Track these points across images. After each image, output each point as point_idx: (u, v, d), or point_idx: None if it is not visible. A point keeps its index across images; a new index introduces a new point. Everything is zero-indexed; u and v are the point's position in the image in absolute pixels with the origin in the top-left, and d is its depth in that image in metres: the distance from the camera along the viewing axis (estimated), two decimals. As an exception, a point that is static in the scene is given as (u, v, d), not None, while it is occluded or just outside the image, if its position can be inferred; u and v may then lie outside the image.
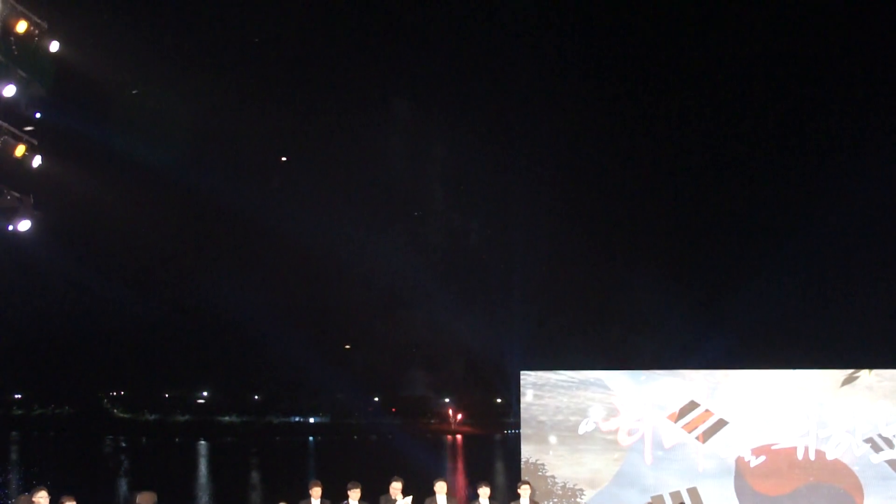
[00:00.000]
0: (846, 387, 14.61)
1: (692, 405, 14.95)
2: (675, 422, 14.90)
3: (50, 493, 10.84)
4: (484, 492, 13.10)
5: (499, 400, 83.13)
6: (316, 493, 12.72)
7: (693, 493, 14.72)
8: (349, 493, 12.68)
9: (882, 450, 14.39)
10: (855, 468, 14.43)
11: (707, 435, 14.82)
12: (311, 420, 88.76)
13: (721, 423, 14.81)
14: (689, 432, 14.86)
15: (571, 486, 14.94)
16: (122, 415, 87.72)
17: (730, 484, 14.67)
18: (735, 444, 14.76)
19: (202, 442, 72.74)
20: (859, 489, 14.37)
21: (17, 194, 13.26)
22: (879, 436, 14.42)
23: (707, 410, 14.88)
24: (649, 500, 14.79)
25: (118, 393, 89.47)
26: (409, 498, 12.50)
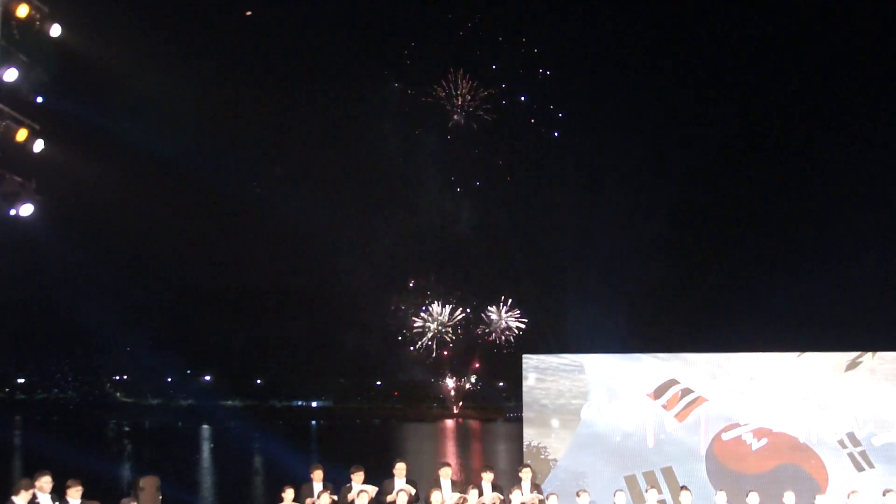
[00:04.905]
0: (849, 370, 14.61)
1: (689, 389, 14.95)
2: (676, 405, 14.89)
3: (53, 478, 10.86)
4: (487, 476, 13.16)
5: (501, 384, 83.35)
6: (317, 476, 12.77)
7: (668, 472, 14.71)
8: (352, 476, 12.71)
9: (877, 434, 14.41)
10: (849, 449, 14.43)
11: (709, 418, 14.83)
12: (314, 404, 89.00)
13: (721, 407, 14.82)
14: (689, 415, 14.87)
15: (573, 469, 14.96)
16: (124, 399, 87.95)
17: (720, 466, 14.68)
18: (737, 427, 14.77)
19: (205, 426, 72.91)
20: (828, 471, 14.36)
21: (19, 179, 13.24)
22: (880, 419, 14.43)
23: (702, 396, 14.89)
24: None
25: (121, 377, 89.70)
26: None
